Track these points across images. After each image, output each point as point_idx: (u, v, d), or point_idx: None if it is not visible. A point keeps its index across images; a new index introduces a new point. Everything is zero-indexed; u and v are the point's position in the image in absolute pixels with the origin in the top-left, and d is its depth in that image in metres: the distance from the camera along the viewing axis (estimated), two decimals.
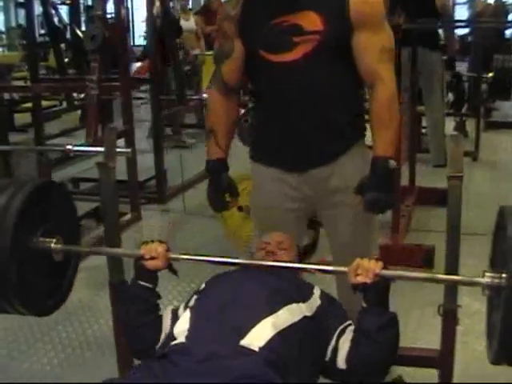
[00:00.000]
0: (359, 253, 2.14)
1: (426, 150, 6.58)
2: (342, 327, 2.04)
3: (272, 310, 1.88)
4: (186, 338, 1.84)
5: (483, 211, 2.12)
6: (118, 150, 2.48)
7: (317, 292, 2.11)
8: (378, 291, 2.00)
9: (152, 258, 2.11)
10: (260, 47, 2.37)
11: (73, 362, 3.29)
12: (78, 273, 2.24)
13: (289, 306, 1.93)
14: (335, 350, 2.00)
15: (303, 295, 2.04)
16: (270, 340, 1.79)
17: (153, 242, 2.16)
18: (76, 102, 8.27)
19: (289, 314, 1.91)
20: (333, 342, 2.00)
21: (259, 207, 2.68)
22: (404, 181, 4.98)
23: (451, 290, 2.11)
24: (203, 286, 2.15)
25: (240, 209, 4.23)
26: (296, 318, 1.93)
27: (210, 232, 4.74)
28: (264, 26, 2.35)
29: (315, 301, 2.06)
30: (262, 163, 2.60)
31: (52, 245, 2.18)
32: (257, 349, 1.76)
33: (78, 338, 3.52)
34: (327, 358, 2.00)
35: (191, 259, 2.20)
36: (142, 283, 2.13)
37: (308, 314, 1.98)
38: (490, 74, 7.21)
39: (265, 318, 1.85)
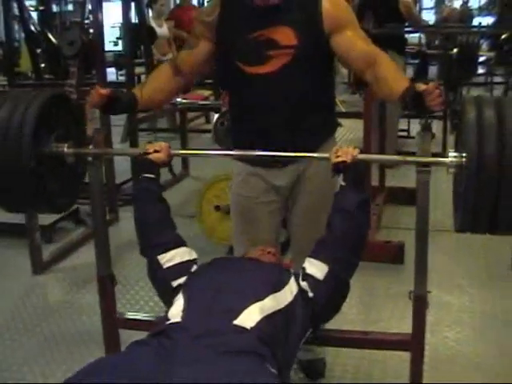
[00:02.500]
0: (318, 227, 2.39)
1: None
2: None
3: (259, 297, 1.99)
4: (182, 318, 1.95)
5: (450, 209, 2.27)
6: None
7: (292, 276, 2.23)
8: (357, 171, 2.26)
9: (156, 152, 2.38)
10: (237, 58, 2.53)
11: (58, 356, 3.37)
12: (60, 272, 2.31)
13: (275, 294, 2.05)
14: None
15: (283, 280, 2.16)
16: (258, 322, 1.91)
17: None
18: None
19: (274, 302, 2.02)
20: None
21: (239, 202, 2.80)
22: (374, 181, 5.14)
23: (421, 276, 2.26)
24: (195, 267, 2.28)
25: (217, 208, 4.37)
26: (281, 305, 2.04)
27: (186, 231, 4.83)
28: (241, 39, 2.50)
29: (294, 284, 2.18)
30: (242, 162, 2.74)
31: (65, 149, 2.42)
32: (249, 328, 1.88)
33: (62, 333, 3.60)
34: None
35: (190, 154, 2.41)
36: (146, 175, 2.37)
37: (290, 299, 2.10)
38: None
39: (253, 303, 1.96)
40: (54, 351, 3.43)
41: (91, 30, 7.01)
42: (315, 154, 2.49)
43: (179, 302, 2.05)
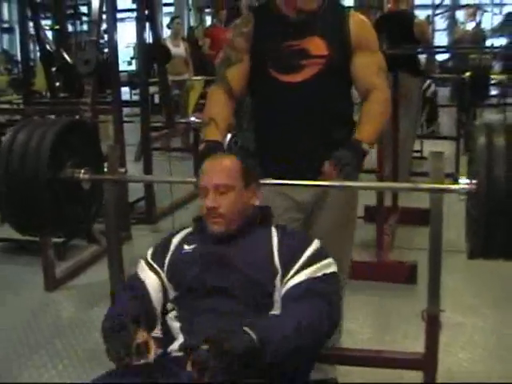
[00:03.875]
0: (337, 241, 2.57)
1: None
2: None
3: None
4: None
5: (463, 230, 2.27)
6: None
7: None
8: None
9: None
10: (271, 67, 2.60)
11: (70, 372, 3.37)
12: (73, 289, 2.29)
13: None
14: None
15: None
16: None
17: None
18: None
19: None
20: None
21: None
22: (387, 201, 5.13)
23: (434, 295, 2.26)
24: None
25: None
26: None
27: None
28: (275, 48, 2.58)
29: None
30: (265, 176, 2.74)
31: (81, 175, 2.42)
32: None
33: (74, 349, 3.61)
34: None
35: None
36: None
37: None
38: None
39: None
40: (67, 367, 3.43)
41: (106, 50, 7.12)
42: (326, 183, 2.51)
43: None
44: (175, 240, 2.32)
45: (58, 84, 6.86)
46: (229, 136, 4.70)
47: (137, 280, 2.25)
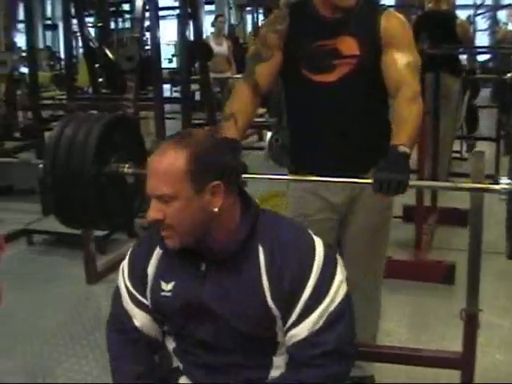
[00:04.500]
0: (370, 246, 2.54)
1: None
2: None
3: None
4: None
5: (503, 231, 2.26)
6: None
7: None
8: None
9: None
10: (303, 66, 2.59)
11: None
12: (114, 282, 2.32)
13: None
14: None
15: None
16: None
17: None
18: None
19: None
20: None
21: (296, 218, 2.79)
22: (426, 201, 5.12)
23: (473, 295, 2.26)
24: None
25: None
26: None
27: None
28: (308, 47, 2.57)
29: None
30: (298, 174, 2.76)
31: (125, 169, 2.43)
32: None
33: None
34: None
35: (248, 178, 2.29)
36: None
37: None
38: None
39: None
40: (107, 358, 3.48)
41: (147, 47, 7.19)
42: (359, 180, 2.47)
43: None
44: (150, 270, 1.90)
45: (100, 80, 6.95)
46: (269, 134, 4.74)
47: (126, 319, 1.95)
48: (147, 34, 6.85)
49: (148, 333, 1.95)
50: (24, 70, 8.96)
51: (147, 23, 5.69)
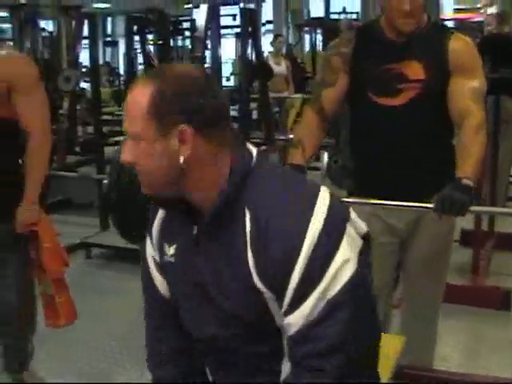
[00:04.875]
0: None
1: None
2: None
3: None
4: None
5: None
6: None
7: None
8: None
9: None
10: (369, 89, 2.61)
11: None
12: None
13: None
14: None
15: None
16: None
17: None
18: None
19: None
20: None
21: None
22: (484, 226, 5.06)
23: None
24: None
25: None
26: None
27: None
28: (374, 70, 2.59)
29: None
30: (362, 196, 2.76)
31: None
32: None
33: None
34: None
35: None
36: None
37: None
38: None
39: None
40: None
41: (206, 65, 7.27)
42: (420, 204, 2.51)
43: None
44: (155, 233, 1.73)
45: None
46: (326, 154, 4.73)
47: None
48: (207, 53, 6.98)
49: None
50: (84, 85, 9.14)
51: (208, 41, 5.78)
